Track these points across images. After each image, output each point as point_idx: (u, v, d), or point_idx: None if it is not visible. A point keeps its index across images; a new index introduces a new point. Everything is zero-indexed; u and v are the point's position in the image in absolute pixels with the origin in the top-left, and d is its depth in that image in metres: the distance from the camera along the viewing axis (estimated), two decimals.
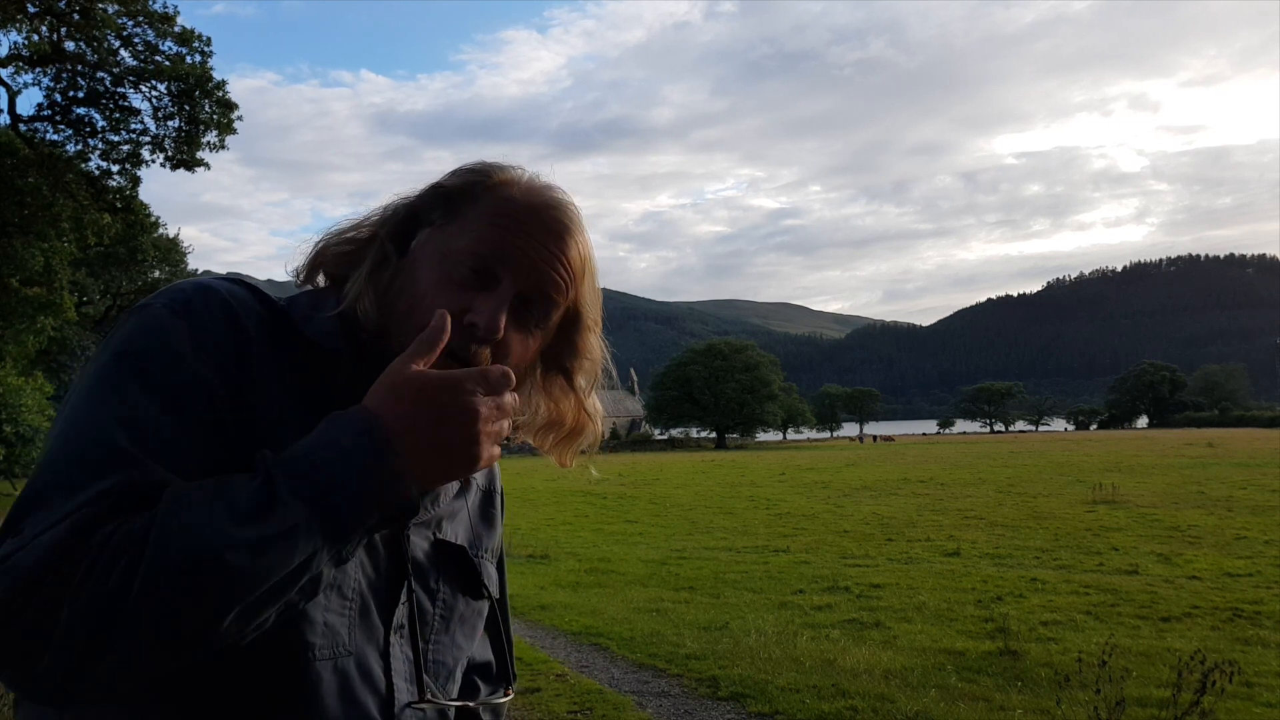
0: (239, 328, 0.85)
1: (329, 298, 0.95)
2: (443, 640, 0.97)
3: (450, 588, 0.98)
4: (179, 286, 0.87)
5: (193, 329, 0.83)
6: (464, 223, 0.93)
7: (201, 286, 0.87)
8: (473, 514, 1.06)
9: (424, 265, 0.92)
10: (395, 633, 0.90)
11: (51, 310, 21.98)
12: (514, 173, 0.97)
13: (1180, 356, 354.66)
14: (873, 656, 6.36)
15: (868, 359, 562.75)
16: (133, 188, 20.50)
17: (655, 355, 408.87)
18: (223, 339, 0.84)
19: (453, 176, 0.97)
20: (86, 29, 18.20)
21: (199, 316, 0.84)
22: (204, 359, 0.82)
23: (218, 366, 0.82)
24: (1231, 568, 9.82)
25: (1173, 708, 4.45)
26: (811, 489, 23.42)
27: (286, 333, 0.90)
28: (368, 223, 0.97)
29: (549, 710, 5.32)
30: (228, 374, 0.83)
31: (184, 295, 0.86)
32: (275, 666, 0.81)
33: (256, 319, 0.88)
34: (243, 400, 0.83)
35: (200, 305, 0.85)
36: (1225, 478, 21.81)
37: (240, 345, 0.85)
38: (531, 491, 24.11)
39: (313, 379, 0.89)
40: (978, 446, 55.25)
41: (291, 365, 0.88)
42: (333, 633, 0.84)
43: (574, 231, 0.95)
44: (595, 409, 1.04)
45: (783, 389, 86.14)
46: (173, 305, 0.85)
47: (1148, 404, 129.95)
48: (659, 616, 8.02)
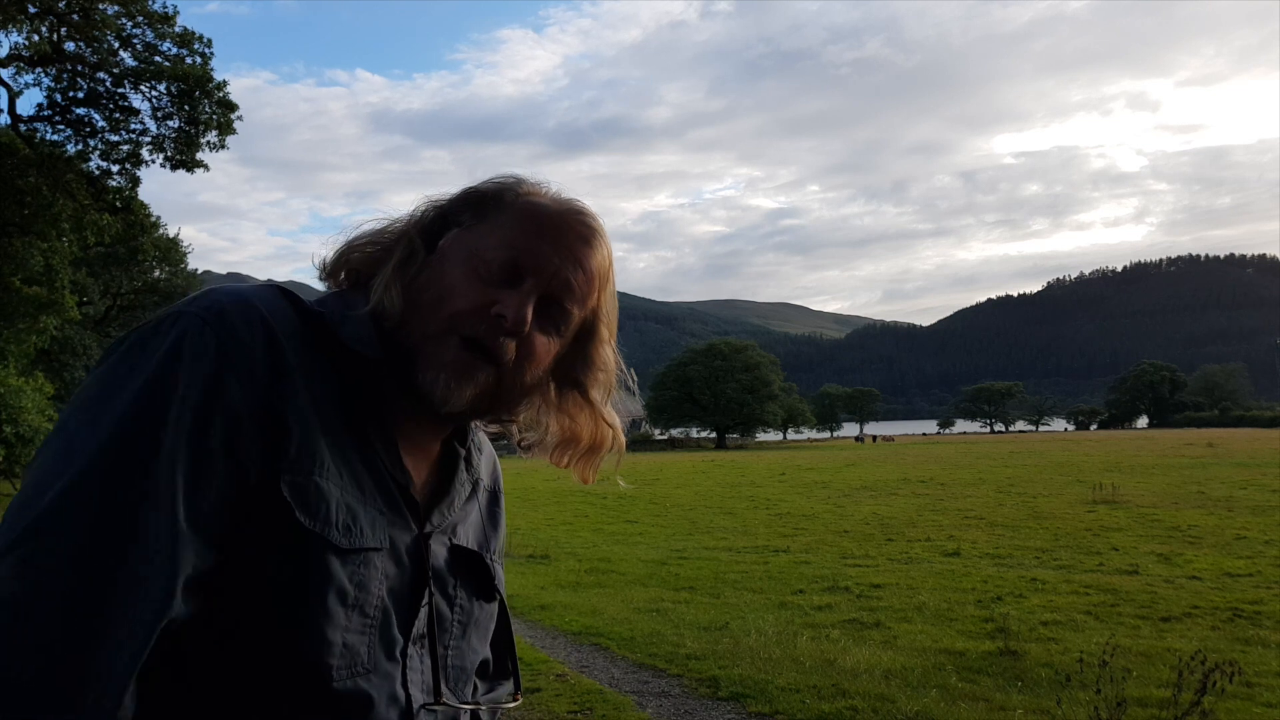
0: (274, 343, 0.84)
1: (356, 298, 0.94)
2: (460, 645, 0.98)
3: (467, 592, 0.99)
4: (214, 297, 0.85)
5: (223, 348, 0.81)
6: (493, 224, 0.95)
7: (238, 299, 0.85)
8: (483, 515, 1.07)
9: (452, 261, 0.93)
10: (413, 643, 0.91)
11: (53, 310, 21.98)
12: (544, 184, 0.99)
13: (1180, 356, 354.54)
14: (873, 656, 6.35)
15: (868, 359, 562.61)
16: (132, 188, 20.50)
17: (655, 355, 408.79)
18: (258, 357, 0.82)
19: (484, 183, 0.99)
20: (86, 29, 18.21)
21: (234, 332, 0.82)
22: (233, 381, 0.80)
23: (249, 388, 0.81)
24: (1232, 568, 9.82)
25: (1173, 708, 4.45)
26: (811, 489, 23.42)
27: (322, 338, 0.89)
28: (396, 224, 0.98)
29: (549, 710, 5.32)
30: (259, 395, 0.81)
31: (219, 307, 0.83)
32: (293, 694, 0.80)
33: (292, 330, 0.87)
34: (275, 420, 0.81)
35: (236, 319, 0.83)
36: (1225, 478, 21.80)
37: (275, 361, 0.83)
38: (531, 491, 24.11)
39: (346, 383, 0.89)
40: (978, 446, 55.26)
41: (326, 372, 0.88)
42: (352, 653, 0.83)
43: (598, 240, 0.97)
44: (614, 420, 1.04)
45: (783, 389, 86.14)
46: (205, 319, 0.82)
47: (1148, 404, 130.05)
48: (659, 616, 8.02)
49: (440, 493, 0.98)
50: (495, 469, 1.13)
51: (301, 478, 0.81)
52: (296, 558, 0.80)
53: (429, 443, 0.98)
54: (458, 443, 1.02)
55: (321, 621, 0.80)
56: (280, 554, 0.79)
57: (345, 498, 0.84)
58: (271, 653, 0.79)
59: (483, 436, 1.10)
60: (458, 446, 1.02)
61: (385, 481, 0.89)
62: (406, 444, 0.93)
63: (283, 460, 0.80)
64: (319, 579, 0.80)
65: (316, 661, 0.80)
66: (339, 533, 0.82)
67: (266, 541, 0.79)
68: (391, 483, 0.90)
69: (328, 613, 0.80)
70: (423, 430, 0.96)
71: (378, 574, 0.86)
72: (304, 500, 0.80)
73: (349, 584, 0.82)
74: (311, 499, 0.81)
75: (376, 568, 0.86)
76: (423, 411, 0.93)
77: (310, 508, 0.80)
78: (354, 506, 0.84)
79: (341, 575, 0.82)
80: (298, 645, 0.79)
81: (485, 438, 1.12)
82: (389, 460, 0.90)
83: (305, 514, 0.80)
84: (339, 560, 0.82)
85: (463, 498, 1.01)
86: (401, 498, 0.91)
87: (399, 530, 0.90)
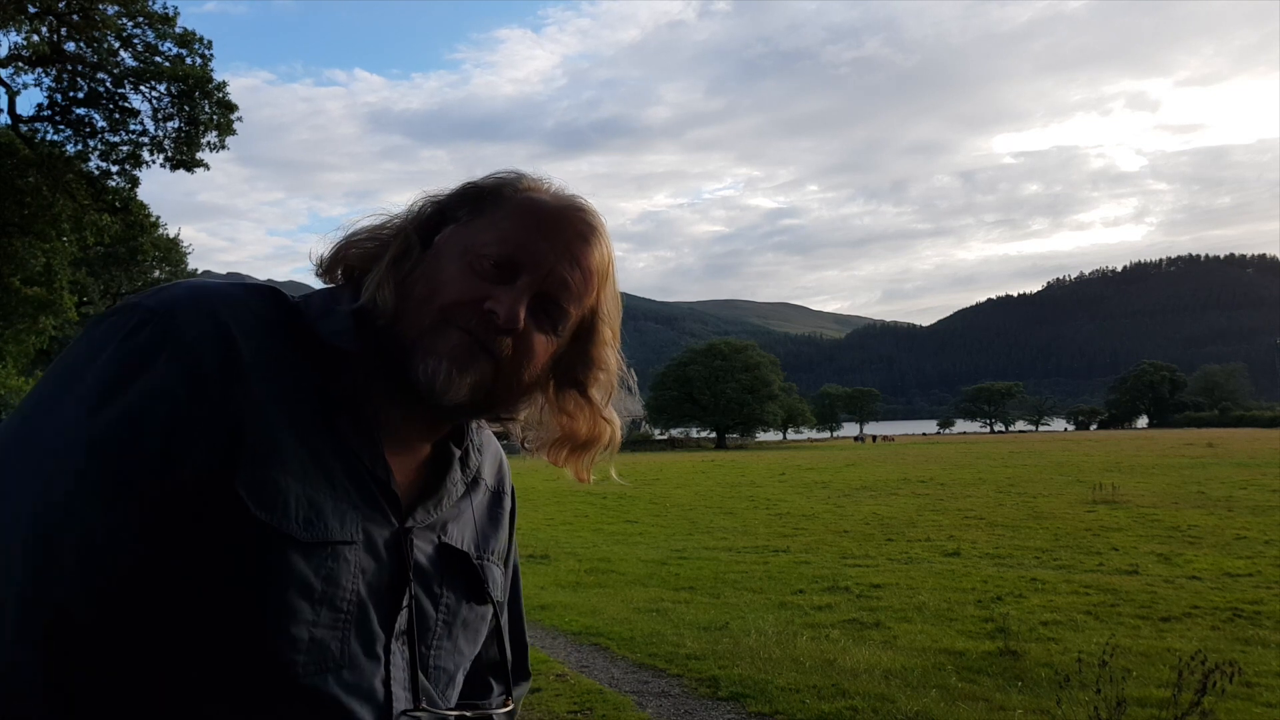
0: (227, 339, 0.83)
1: (345, 294, 0.94)
2: (444, 646, 0.96)
3: (454, 592, 0.97)
4: (170, 293, 0.85)
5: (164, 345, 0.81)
6: (490, 219, 0.94)
7: (193, 295, 0.85)
8: (479, 515, 1.04)
9: (446, 256, 0.92)
10: (396, 640, 0.89)
11: (52, 310, 21.98)
12: (544, 180, 0.98)
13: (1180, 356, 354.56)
14: (873, 656, 6.36)
15: (868, 359, 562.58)
16: (132, 188, 20.50)
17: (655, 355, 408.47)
18: (205, 354, 0.82)
19: (484, 179, 0.98)
20: (86, 30, 18.20)
21: (176, 330, 0.82)
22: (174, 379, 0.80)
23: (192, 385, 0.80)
24: (1231, 568, 9.82)
25: (1173, 708, 4.45)
26: (811, 489, 23.42)
27: (301, 334, 0.89)
28: (394, 220, 0.97)
29: (549, 710, 5.32)
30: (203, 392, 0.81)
31: (169, 304, 0.84)
32: (257, 690, 0.79)
33: (256, 325, 0.86)
34: (224, 417, 0.80)
35: (184, 316, 0.83)
36: (1225, 478, 21.81)
37: (226, 357, 0.83)
38: (531, 491, 24.11)
39: (324, 378, 0.88)
40: (978, 447, 55.27)
41: (299, 367, 0.87)
42: (320, 647, 0.81)
43: (597, 237, 0.96)
44: (614, 419, 1.03)
45: (783, 389, 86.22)
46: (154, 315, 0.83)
47: (1148, 404, 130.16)
48: (659, 616, 8.02)
49: (429, 490, 0.96)
50: (502, 470, 1.12)
51: (258, 473, 0.80)
52: (255, 552, 0.78)
53: (419, 441, 0.97)
54: (454, 443, 1.01)
55: (282, 616, 0.79)
56: (239, 549, 0.78)
57: (307, 491, 0.82)
58: (235, 648, 0.78)
59: (487, 436, 1.09)
60: (453, 447, 1.01)
61: (361, 476, 0.88)
62: (392, 441, 0.92)
63: (237, 456, 0.79)
64: (279, 573, 0.79)
65: (279, 656, 0.79)
66: (299, 526, 0.80)
67: (223, 538, 0.78)
68: (369, 477, 0.88)
69: (289, 607, 0.79)
70: (412, 428, 0.95)
71: (350, 568, 0.84)
72: (259, 495, 0.79)
73: (314, 578, 0.81)
74: (268, 493, 0.79)
75: (348, 561, 0.84)
76: (415, 408, 0.92)
77: (266, 502, 0.79)
78: (317, 500, 0.83)
79: (305, 569, 0.80)
80: (260, 640, 0.78)
81: (492, 438, 1.10)
82: (367, 455, 0.89)
83: (261, 509, 0.79)
84: (300, 554, 0.80)
85: (454, 497, 0.99)
86: (380, 492, 0.89)
87: (376, 525, 0.88)
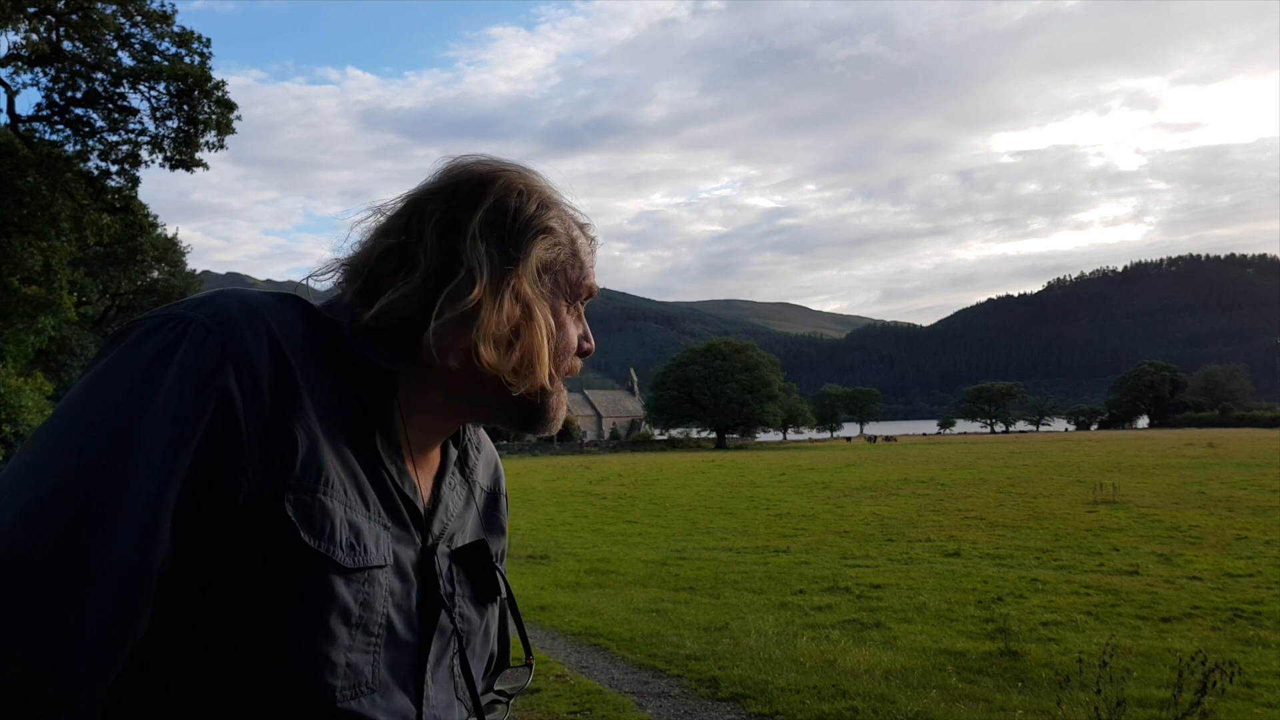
0: (280, 357, 0.81)
1: (357, 302, 0.89)
2: (467, 657, 0.96)
3: (468, 602, 0.97)
4: (220, 306, 0.81)
5: (227, 360, 0.78)
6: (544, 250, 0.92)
7: (246, 308, 0.82)
8: (480, 518, 1.04)
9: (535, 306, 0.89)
10: (424, 659, 0.89)
11: (51, 310, 21.98)
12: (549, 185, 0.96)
13: (1180, 356, 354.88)
14: (873, 657, 6.35)
15: (868, 359, 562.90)
16: (131, 188, 20.51)
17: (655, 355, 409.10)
18: (263, 372, 0.79)
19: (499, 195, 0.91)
20: (85, 29, 18.21)
21: (241, 344, 0.79)
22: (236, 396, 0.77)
23: (252, 403, 0.78)
24: (1232, 568, 9.81)
25: (1173, 708, 4.44)
26: (812, 489, 23.42)
27: (332, 348, 0.86)
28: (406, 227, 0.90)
29: (549, 710, 5.31)
30: (263, 411, 0.78)
31: (225, 315, 0.80)
32: (296, 715, 0.78)
33: (299, 341, 0.84)
34: (279, 437, 0.78)
35: (244, 330, 0.80)
36: (1226, 478, 21.81)
37: (281, 375, 0.80)
38: (531, 491, 24.11)
39: (357, 395, 0.86)
40: (978, 447, 55.29)
41: (335, 384, 0.85)
42: (355, 672, 0.81)
43: None
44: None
45: (783, 389, 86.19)
46: (210, 328, 0.79)
47: (1148, 404, 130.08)
48: (659, 617, 8.01)
49: (437, 499, 0.96)
50: (496, 470, 1.11)
51: (306, 496, 0.78)
52: (300, 577, 0.77)
53: (433, 449, 0.96)
54: (453, 444, 1.00)
55: (324, 642, 0.78)
56: (283, 573, 0.77)
57: (349, 515, 0.81)
58: (273, 673, 0.77)
59: (482, 435, 1.08)
60: (452, 447, 1.00)
61: (391, 496, 0.87)
62: (413, 454, 0.92)
63: (287, 479, 0.78)
64: (323, 599, 0.78)
65: (320, 683, 0.78)
66: (343, 552, 0.80)
67: (267, 561, 0.76)
68: (398, 497, 0.88)
69: (330, 633, 0.79)
70: (429, 438, 0.94)
71: (382, 591, 0.84)
72: (308, 519, 0.78)
73: (353, 603, 0.80)
74: (316, 518, 0.78)
75: (381, 584, 0.84)
76: (435, 418, 0.92)
77: (315, 527, 0.78)
78: (357, 523, 0.82)
79: (346, 595, 0.80)
80: (301, 666, 0.77)
81: (485, 436, 1.09)
82: (396, 473, 0.88)
83: (310, 534, 0.78)
84: (343, 580, 0.80)
85: (458, 502, 0.99)
86: (408, 512, 0.89)
87: (404, 545, 0.88)
